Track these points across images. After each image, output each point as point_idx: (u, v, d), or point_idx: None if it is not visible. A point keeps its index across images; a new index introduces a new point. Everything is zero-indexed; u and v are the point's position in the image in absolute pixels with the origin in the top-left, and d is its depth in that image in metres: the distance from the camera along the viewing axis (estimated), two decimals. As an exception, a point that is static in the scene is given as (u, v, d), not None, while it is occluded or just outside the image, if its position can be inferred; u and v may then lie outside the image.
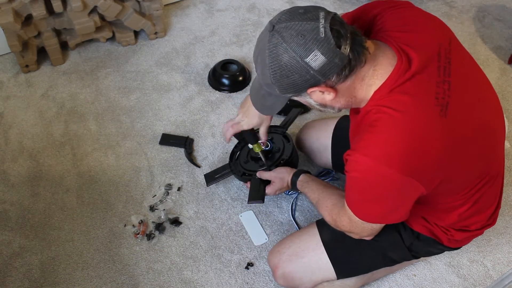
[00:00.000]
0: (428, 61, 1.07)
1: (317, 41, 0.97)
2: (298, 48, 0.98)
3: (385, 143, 1.03)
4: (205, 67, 2.21)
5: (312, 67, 0.99)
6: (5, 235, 1.66)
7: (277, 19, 1.02)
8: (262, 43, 1.03)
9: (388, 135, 1.03)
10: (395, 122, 1.03)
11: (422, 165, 1.04)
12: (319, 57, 0.98)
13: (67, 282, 1.56)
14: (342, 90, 1.07)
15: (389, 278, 1.56)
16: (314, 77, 1.01)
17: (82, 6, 2.01)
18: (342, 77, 1.03)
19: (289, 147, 1.62)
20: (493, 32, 2.35)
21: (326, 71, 1.00)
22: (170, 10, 2.48)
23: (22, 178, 1.82)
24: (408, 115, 1.03)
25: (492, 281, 1.55)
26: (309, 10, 1.01)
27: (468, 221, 1.28)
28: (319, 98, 1.09)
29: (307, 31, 0.98)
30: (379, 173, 1.04)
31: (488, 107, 1.16)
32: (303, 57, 0.98)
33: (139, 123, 1.99)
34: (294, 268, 1.41)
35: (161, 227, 1.67)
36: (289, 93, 1.08)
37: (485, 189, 1.22)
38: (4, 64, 2.21)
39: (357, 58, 1.02)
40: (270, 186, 1.54)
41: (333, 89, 1.05)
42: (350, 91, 1.08)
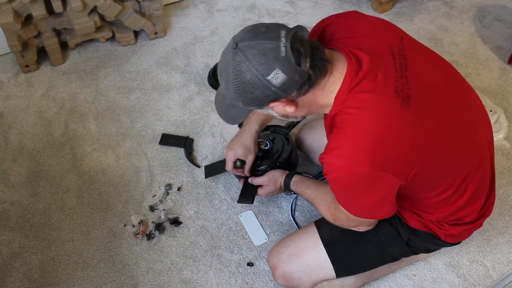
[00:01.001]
0: (381, 59, 1.11)
1: (278, 60, 1.02)
2: (260, 66, 1.03)
3: (352, 142, 1.07)
4: (205, 67, 2.21)
5: (273, 84, 1.04)
6: (5, 235, 1.67)
7: (240, 37, 1.06)
8: (226, 60, 1.07)
9: (354, 133, 1.07)
10: (359, 120, 1.07)
11: (392, 157, 1.07)
12: (280, 75, 1.03)
13: (67, 282, 1.56)
14: (302, 102, 1.11)
15: (389, 278, 1.56)
16: (275, 93, 1.06)
17: (82, 6, 2.01)
18: (302, 92, 1.08)
19: (288, 149, 1.62)
20: (493, 32, 2.35)
21: (287, 88, 1.05)
22: (170, 10, 2.48)
23: (22, 178, 1.82)
24: (370, 110, 1.07)
25: (492, 281, 1.55)
26: (271, 28, 1.06)
27: (459, 214, 1.28)
28: (281, 111, 1.13)
29: (268, 50, 1.02)
30: (352, 172, 1.08)
31: (460, 99, 1.18)
32: (264, 75, 1.03)
33: (139, 123, 1.99)
34: (294, 268, 1.41)
35: (161, 227, 1.67)
36: (252, 107, 1.12)
37: (467, 181, 1.21)
38: (4, 64, 2.21)
39: (317, 72, 1.07)
40: (262, 189, 1.56)
41: (293, 102, 1.10)
42: (312, 101, 1.12)
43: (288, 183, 1.49)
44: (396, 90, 1.07)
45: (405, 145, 1.07)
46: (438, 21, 2.39)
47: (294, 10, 2.44)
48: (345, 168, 1.08)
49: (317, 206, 1.37)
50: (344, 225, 1.28)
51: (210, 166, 1.78)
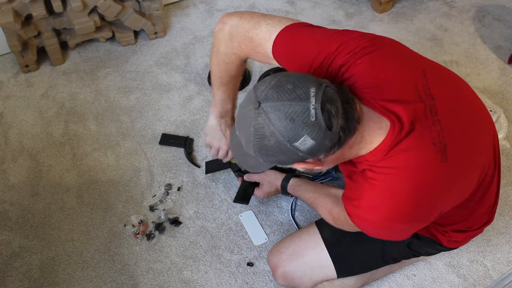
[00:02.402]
0: (414, 108, 1.03)
1: (307, 126, 0.91)
2: (286, 133, 0.92)
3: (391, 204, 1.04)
4: (205, 67, 2.21)
5: (300, 150, 0.94)
6: (5, 235, 1.66)
7: (263, 95, 0.94)
8: (247, 117, 0.96)
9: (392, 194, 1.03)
10: (398, 180, 1.03)
11: (429, 212, 1.09)
12: (308, 141, 0.93)
13: (67, 282, 1.56)
14: (329, 160, 1.02)
15: (389, 278, 1.56)
16: (302, 157, 0.97)
17: (82, 6, 2.01)
18: (330, 154, 0.99)
19: None
20: (493, 32, 2.35)
21: (315, 152, 0.96)
22: (170, 10, 2.48)
23: (22, 178, 1.82)
24: (411, 170, 1.02)
25: (492, 281, 1.55)
26: (298, 85, 0.93)
27: (467, 224, 1.29)
28: (306, 168, 1.05)
29: (296, 114, 0.91)
30: (386, 227, 1.09)
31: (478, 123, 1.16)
32: (291, 142, 0.93)
33: (139, 123, 1.99)
34: (294, 267, 1.41)
35: (161, 227, 1.67)
36: (273, 164, 1.06)
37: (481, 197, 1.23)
38: (4, 64, 2.21)
39: (347, 134, 0.97)
40: (259, 189, 1.56)
41: (320, 162, 1.01)
42: (338, 158, 1.05)
43: (285, 186, 1.49)
44: (434, 142, 1.02)
45: (443, 200, 1.08)
46: (438, 21, 2.39)
47: (294, 10, 2.44)
48: (380, 224, 1.08)
49: (316, 209, 1.37)
50: (347, 229, 1.27)
51: (211, 162, 1.79)
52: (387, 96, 1.03)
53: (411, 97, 1.04)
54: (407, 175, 1.02)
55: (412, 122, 1.02)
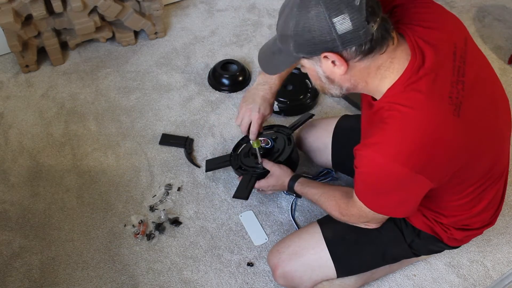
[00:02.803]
0: (443, 59, 1.06)
1: (350, 6, 0.94)
2: (330, 4, 0.95)
3: (396, 141, 1.03)
4: (205, 67, 2.21)
5: (336, 29, 0.96)
6: (5, 235, 1.67)
7: None
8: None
9: (400, 132, 1.03)
10: (408, 120, 1.03)
11: (433, 163, 1.05)
12: (347, 22, 0.95)
13: (67, 282, 1.56)
14: (354, 69, 1.03)
15: (389, 278, 1.56)
16: (333, 41, 0.97)
17: (82, 6, 2.01)
18: (359, 54, 1.00)
19: (288, 149, 1.62)
20: (493, 32, 2.35)
21: (347, 40, 0.97)
22: (170, 10, 2.48)
23: (22, 178, 1.82)
24: (421, 113, 1.02)
25: (492, 281, 1.55)
26: None
27: (470, 220, 1.29)
28: (329, 69, 1.04)
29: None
30: (389, 170, 1.05)
31: (499, 110, 1.17)
32: (331, 16, 0.95)
33: (139, 123, 1.99)
34: (294, 267, 1.41)
35: (161, 227, 1.67)
36: (302, 52, 1.03)
37: (488, 189, 1.23)
38: (4, 64, 2.21)
39: (379, 41, 0.99)
40: (265, 180, 1.55)
41: (346, 62, 1.01)
42: (363, 74, 1.05)
43: (292, 185, 1.49)
44: (450, 96, 1.04)
45: (448, 154, 1.06)
46: (438, 21, 2.39)
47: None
48: (384, 165, 1.04)
49: (322, 204, 1.36)
50: (352, 221, 1.27)
51: (212, 160, 1.79)
52: (426, 37, 1.06)
53: (446, 50, 1.07)
54: (418, 116, 1.02)
55: (435, 69, 1.04)
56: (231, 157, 1.72)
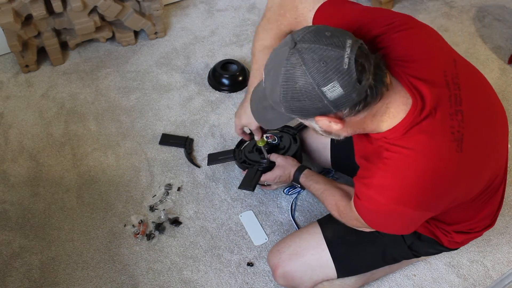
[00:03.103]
0: (439, 93, 1.04)
1: (338, 72, 0.91)
2: (317, 75, 0.92)
3: (400, 185, 1.03)
4: (205, 67, 2.21)
5: (327, 97, 0.93)
6: (5, 235, 1.66)
7: (300, 37, 0.95)
8: (279, 58, 0.96)
9: (402, 175, 1.03)
10: (410, 162, 1.02)
11: (437, 201, 1.07)
12: (337, 89, 0.92)
13: (67, 282, 1.56)
14: (350, 122, 1.02)
15: (389, 278, 1.56)
16: (326, 106, 0.95)
17: (82, 6, 2.01)
18: (354, 112, 0.97)
19: (294, 147, 1.63)
20: (493, 32, 2.35)
21: (340, 104, 0.94)
22: (170, 10, 2.48)
23: (22, 178, 1.82)
24: (424, 154, 1.01)
25: (492, 281, 1.55)
26: (336, 34, 0.94)
27: (470, 225, 1.30)
28: (325, 126, 1.02)
29: (330, 58, 0.91)
30: (392, 210, 1.07)
31: (497, 123, 1.16)
32: (320, 86, 0.92)
33: (139, 123, 1.99)
34: (294, 267, 1.41)
35: (161, 227, 1.67)
36: (295, 115, 1.02)
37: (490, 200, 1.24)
38: (4, 64, 2.21)
39: (374, 95, 0.97)
40: (271, 172, 1.56)
41: (341, 120, 0.99)
42: (359, 124, 1.04)
43: (298, 175, 1.50)
44: (452, 131, 1.02)
45: (452, 190, 1.07)
46: (438, 21, 2.39)
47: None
48: (387, 205, 1.06)
49: (324, 201, 1.37)
50: (349, 224, 1.27)
51: (214, 154, 1.79)
52: (417, 74, 1.03)
53: (439, 81, 1.04)
54: (420, 157, 1.01)
55: (434, 107, 1.02)
56: (235, 152, 1.72)
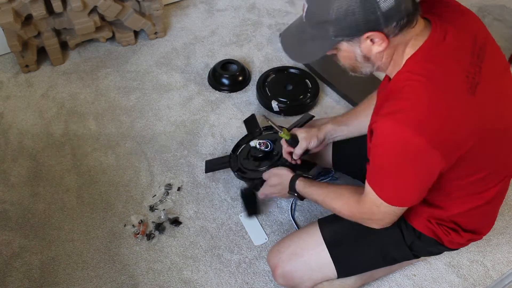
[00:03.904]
0: (464, 41, 1.07)
1: None
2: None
3: (415, 110, 1.01)
4: (205, 67, 2.21)
5: (380, 7, 0.96)
6: (5, 235, 1.67)
7: None
8: None
9: (418, 101, 1.01)
10: (423, 88, 1.02)
11: (448, 137, 1.03)
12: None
13: (67, 282, 1.56)
14: (391, 45, 1.04)
15: (389, 278, 1.56)
16: (377, 20, 0.97)
17: (82, 6, 2.01)
18: (398, 28, 1.00)
19: None
20: (493, 32, 2.33)
21: (390, 16, 0.97)
22: (170, 10, 2.48)
23: (22, 178, 1.82)
24: (435, 84, 1.02)
25: (492, 281, 1.55)
26: None
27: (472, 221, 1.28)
28: (367, 48, 1.04)
29: None
30: (408, 140, 1.02)
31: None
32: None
33: (139, 123, 1.99)
34: (294, 267, 1.41)
35: (161, 227, 1.67)
36: (343, 36, 1.02)
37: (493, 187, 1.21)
38: (4, 64, 2.21)
39: (412, 14, 1.00)
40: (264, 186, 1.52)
41: (387, 39, 1.01)
42: (394, 50, 1.06)
43: (293, 183, 1.45)
44: (468, 75, 1.04)
45: (461, 128, 1.04)
46: (438, 21, 2.39)
47: (294, 10, 2.44)
48: (403, 134, 1.01)
49: (329, 203, 1.33)
50: (365, 218, 1.23)
51: (211, 161, 1.79)
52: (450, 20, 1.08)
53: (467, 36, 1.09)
54: (435, 87, 1.02)
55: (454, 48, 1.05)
56: (231, 158, 1.71)
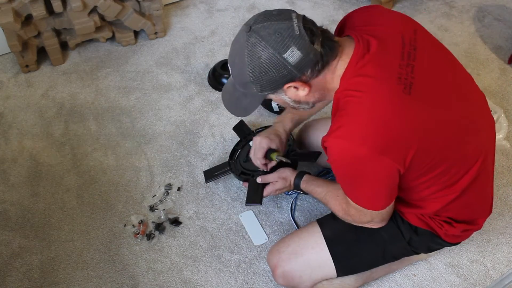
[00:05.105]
0: (390, 46, 1.13)
1: (293, 38, 1.05)
2: (276, 45, 1.05)
3: (353, 123, 1.08)
4: (205, 67, 2.21)
5: (289, 62, 1.06)
6: (5, 235, 1.67)
7: (253, 21, 1.09)
8: (239, 43, 1.09)
9: (356, 115, 1.09)
10: (360, 102, 1.09)
11: (391, 141, 1.08)
12: (296, 52, 1.05)
13: (67, 282, 1.56)
14: (315, 85, 1.13)
15: (389, 278, 1.56)
16: (291, 72, 1.07)
17: (82, 6, 2.01)
18: (315, 72, 1.10)
19: (288, 148, 1.61)
20: (493, 32, 2.35)
21: (302, 66, 1.07)
22: (170, 10, 2.48)
23: (22, 178, 1.82)
24: (372, 94, 1.08)
25: (492, 281, 1.55)
26: (282, 12, 1.09)
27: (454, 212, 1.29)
28: (294, 95, 1.15)
29: (283, 29, 1.05)
30: (353, 153, 1.08)
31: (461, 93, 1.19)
32: (281, 53, 1.05)
33: (139, 123, 1.99)
34: (294, 267, 1.41)
35: (161, 227, 1.67)
36: (266, 91, 1.13)
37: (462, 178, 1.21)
38: (4, 64, 2.21)
39: (329, 52, 1.09)
40: (271, 185, 1.52)
41: (307, 84, 1.11)
42: (323, 84, 1.14)
43: (298, 182, 1.48)
44: (400, 77, 1.09)
45: (404, 130, 1.08)
46: (438, 21, 2.39)
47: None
48: (346, 149, 1.08)
49: (327, 203, 1.36)
50: (356, 221, 1.28)
51: (210, 170, 1.76)
52: (371, 33, 1.15)
53: (392, 39, 1.14)
54: (367, 97, 1.08)
55: (379, 53, 1.11)
56: (230, 164, 1.70)
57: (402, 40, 1.14)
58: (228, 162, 1.71)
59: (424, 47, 1.16)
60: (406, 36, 1.15)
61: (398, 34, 1.16)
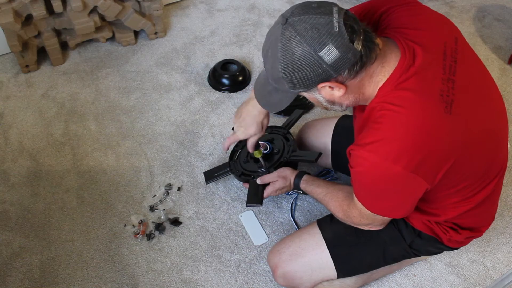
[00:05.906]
0: (434, 58, 1.07)
1: (331, 35, 0.97)
2: (312, 41, 0.97)
3: (391, 140, 1.03)
4: (205, 67, 2.21)
5: (325, 61, 0.99)
6: (5, 235, 1.67)
7: (290, 13, 1.01)
8: (274, 36, 1.02)
9: (394, 131, 1.03)
10: (399, 119, 1.03)
11: (426, 162, 1.04)
12: (333, 51, 0.98)
13: (67, 282, 1.56)
14: (351, 86, 1.06)
15: (389, 278, 1.56)
16: (326, 71, 1.00)
17: (82, 6, 2.01)
18: (353, 73, 1.03)
19: (288, 148, 1.62)
20: (493, 32, 2.35)
21: (339, 66, 1.00)
22: (170, 10, 2.48)
23: (22, 178, 1.82)
24: (413, 111, 1.03)
25: (492, 281, 1.55)
26: (322, 5, 1.01)
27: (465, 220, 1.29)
28: (328, 95, 1.08)
29: (321, 24, 0.97)
30: (384, 170, 1.04)
31: (492, 108, 1.16)
32: (316, 51, 0.98)
33: (139, 123, 1.99)
34: (294, 268, 1.41)
35: (161, 227, 1.67)
36: (299, 88, 1.06)
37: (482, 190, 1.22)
38: (4, 64, 2.21)
39: (368, 54, 1.02)
40: (271, 185, 1.52)
41: (343, 85, 1.04)
42: (359, 88, 1.07)
43: (298, 182, 1.48)
44: (441, 94, 1.04)
45: (441, 151, 1.05)
46: (438, 21, 2.39)
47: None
48: (378, 164, 1.04)
49: (327, 204, 1.36)
50: (355, 222, 1.26)
51: (210, 171, 1.76)
52: (415, 39, 1.08)
53: (436, 49, 1.09)
54: (408, 114, 1.03)
55: (425, 68, 1.05)
56: (230, 165, 1.70)
57: (444, 50, 1.09)
58: (228, 163, 1.70)
59: (464, 60, 1.11)
60: (448, 45, 1.10)
61: (441, 42, 1.10)
